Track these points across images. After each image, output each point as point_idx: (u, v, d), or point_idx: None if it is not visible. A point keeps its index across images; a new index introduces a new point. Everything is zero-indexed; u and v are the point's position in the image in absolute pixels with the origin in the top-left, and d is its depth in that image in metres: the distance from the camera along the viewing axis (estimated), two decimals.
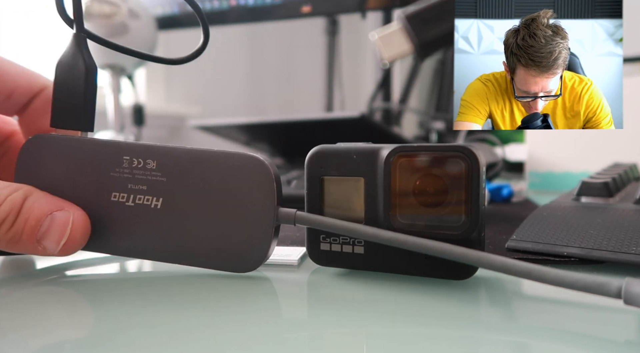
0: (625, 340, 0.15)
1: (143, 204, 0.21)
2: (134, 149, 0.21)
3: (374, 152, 0.21)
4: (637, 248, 0.21)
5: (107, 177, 0.21)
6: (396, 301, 0.18)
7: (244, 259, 0.20)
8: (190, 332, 0.15)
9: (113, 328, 0.16)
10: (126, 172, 0.21)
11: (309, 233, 0.22)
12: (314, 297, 0.20)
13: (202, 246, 0.21)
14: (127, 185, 0.21)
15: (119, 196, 0.21)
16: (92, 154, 0.22)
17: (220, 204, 0.21)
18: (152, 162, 0.21)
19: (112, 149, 0.21)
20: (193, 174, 0.21)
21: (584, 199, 0.30)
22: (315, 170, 0.22)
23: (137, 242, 0.21)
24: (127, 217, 0.21)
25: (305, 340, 0.15)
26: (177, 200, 0.21)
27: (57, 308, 0.19)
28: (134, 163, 0.21)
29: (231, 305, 0.18)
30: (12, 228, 0.20)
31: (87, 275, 0.23)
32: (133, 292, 0.20)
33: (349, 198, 0.21)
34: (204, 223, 0.21)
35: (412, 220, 0.20)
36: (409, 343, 0.15)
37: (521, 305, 0.18)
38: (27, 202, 0.20)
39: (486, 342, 0.15)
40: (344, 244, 0.21)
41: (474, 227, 0.19)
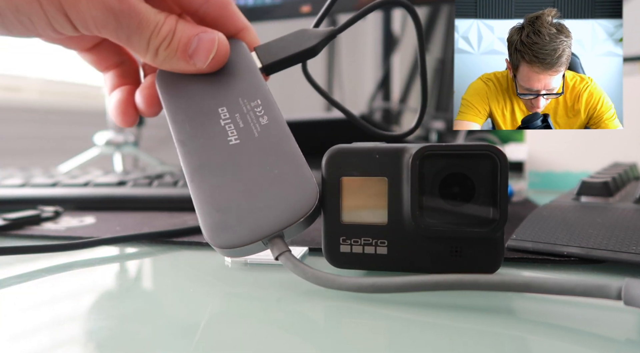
0: (626, 340, 0.15)
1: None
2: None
3: (398, 151, 0.20)
4: (637, 247, 0.21)
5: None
6: (396, 300, 0.18)
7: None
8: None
9: None
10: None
11: (327, 234, 0.21)
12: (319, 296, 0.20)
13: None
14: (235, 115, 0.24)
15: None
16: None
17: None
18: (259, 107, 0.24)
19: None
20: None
21: (584, 199, 0.30)
22: (333, 170, 0.21)
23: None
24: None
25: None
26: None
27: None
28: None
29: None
30: (170, 45, 0.24)
31: None
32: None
33: (370, 199, 0.21)
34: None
35: (440, 219, 0.20)
36: (413, 339, 0.15)
37: (521, 304, 0.19)
38: (179, 25, 0.24)
39: (486, 342, 0.15)
40: (365, 245, 0.21)
41: (502, 224, 0.19)
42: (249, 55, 0.26)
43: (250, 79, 0.25)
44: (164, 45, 0.24)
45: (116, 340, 0.15)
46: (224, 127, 0.23)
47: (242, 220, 0.20)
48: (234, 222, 0.20)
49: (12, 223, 0.31)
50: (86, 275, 0.23)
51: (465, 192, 0.20)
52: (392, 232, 0.21)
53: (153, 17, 0.23)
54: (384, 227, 0.21)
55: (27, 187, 0.42)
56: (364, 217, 0.21)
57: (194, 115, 0.24)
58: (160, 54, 0.24)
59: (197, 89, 0.25)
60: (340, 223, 0.21)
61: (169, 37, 0.24)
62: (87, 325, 0.17)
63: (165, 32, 0.24)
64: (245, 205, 0.21)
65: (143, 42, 0.24)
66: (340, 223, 0.21)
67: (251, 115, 0.24)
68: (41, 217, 0.34)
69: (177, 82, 0.26)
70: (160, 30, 0.24)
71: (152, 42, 0.24)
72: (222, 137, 0.23)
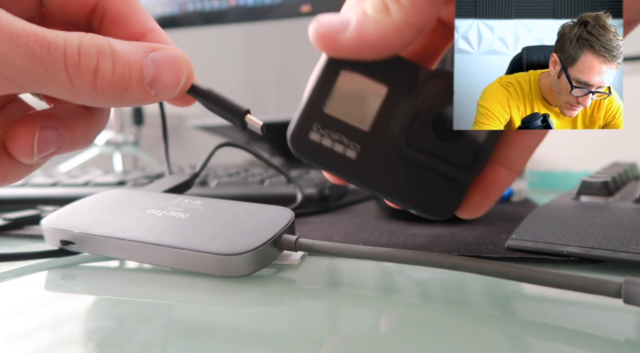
0: (625, 339, 0.15)
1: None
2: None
3: (415, 68, 0.20)
4: (637, 247, 0.21)
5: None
6: (397, 299, 0.18)
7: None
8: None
9: None
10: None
11: (303, 116, 0.20)
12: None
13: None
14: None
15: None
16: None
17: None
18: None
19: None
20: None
21: (584, 198, 0.30)
22: (336, 59, 0.20)
23: None
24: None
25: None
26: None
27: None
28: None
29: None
30: (116, 71, 0.17)
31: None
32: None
33: (361, 103, 0.20)
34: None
35: (422, 148, 0.20)
36: (413, 338, 0.15)
37: (521, 304, 0.19)
38: (116, 45, 0.17)
39: (486, 342, 0.15)
40: (337, 142, 0.20)
41: (475, 173, 0.19)
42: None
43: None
44: (106, 72, 0.17)
45: (118, 339, 0.15)
46: (163, 215, 0.23)
47: (242, 235, 0.21)
48: (235, 237, 0.21)
49: (12, 223, 0.31)
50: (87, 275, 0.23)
51: (455, 133, 0.20)
52: (370, 141, 0.20)
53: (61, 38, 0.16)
54: (363, 133, 0.20)
55: (27, 186, 0.42)
56: (349, 116, 0.20)
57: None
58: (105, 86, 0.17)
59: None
60: (322, 110, 0.20)
61: (105, 59, 0.17)
62: (88, 325, 0.17)
63: (94, 55, 0.17)
64: (233, 229, 0.21)
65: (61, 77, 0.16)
66: (322, 111, 0.20)
67: (183, 203, 0.24)
68: (41, 216, 0.34)
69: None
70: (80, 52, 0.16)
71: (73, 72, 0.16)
72: (168, 218, 0.23)
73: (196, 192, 0.39)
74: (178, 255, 0.21)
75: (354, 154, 0.20)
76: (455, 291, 0.19)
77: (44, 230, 0.24)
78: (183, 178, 0.33)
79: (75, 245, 0.23)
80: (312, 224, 0.33)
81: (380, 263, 0.23)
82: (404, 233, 0.29)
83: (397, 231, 0.30)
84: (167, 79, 0.18)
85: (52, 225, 0.24)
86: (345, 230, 0.30)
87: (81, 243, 0.23)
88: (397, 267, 0.23)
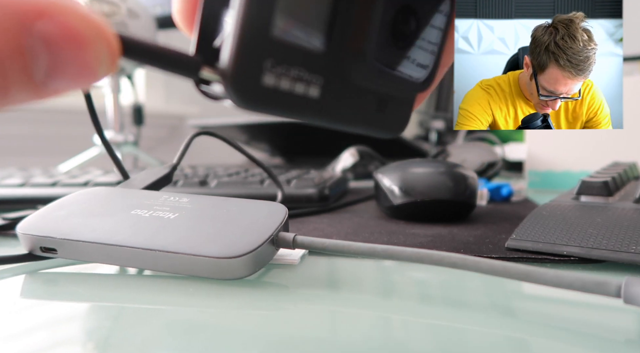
0: (625, 339, 0.15)
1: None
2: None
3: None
4: (637, 247, 0.21)
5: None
6: (398, 297, 0.18)
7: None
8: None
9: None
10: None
11: (245, 52, 0.13)
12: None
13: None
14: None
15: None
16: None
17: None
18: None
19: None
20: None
21: (584, 198, 0.30)
22: None
23: None
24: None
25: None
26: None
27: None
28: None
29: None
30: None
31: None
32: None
33: (311, 9, 0.15)
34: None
35: (386, 63, 0.17)
36: (411, 338, 0.15)
37: (521, 304, 0.19)
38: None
39: (486, 342, 0.15)
40: (297, 81, 0.15)
41: (426, 88, 0.18)
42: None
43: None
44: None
45: (115, 339, 0.15)
46: (150, 216, 0.22)
47: (238, 235, 0.20)
48: (232, 238, 0.20)
49: (12, 223, 0.31)
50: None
51: (416, 34, 0.17)
52: (329, 67, 0.15)
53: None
54: (320, 57, 0.15)
55: (27, 186, 0.42)
56: (301, 36, 0.14)
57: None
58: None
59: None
60: (270, 37, 0.14)
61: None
62: (87, 325, 0.17)
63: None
64: (228, 228, 0.21)
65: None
66: (269, 38, 0.14)
67: (169, 202, 0.24)
68: None
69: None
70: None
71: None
72: (156, 220, 0.22)
73: (196, 192, 0.39)
74: (173, 259, 0.20)
75: (317, 91, 0.15)
76: (455, 291, 0.19)
77: (20, 237, 0.22)
78: (162, 172, 0.31)
79: (57, 252, 0.22)
80: (311, 224, 0.33)
81: (380, 263, 0.23)
82: (403, 233, 0.29)
83: (397, 231, 0.30)
84: (72, 67, 0.11)
85: (29, 231, 0.22)
86: (345, 230, 0.30)
87: (64, 250, 0.21)
88: (397, 266, 0.23)
